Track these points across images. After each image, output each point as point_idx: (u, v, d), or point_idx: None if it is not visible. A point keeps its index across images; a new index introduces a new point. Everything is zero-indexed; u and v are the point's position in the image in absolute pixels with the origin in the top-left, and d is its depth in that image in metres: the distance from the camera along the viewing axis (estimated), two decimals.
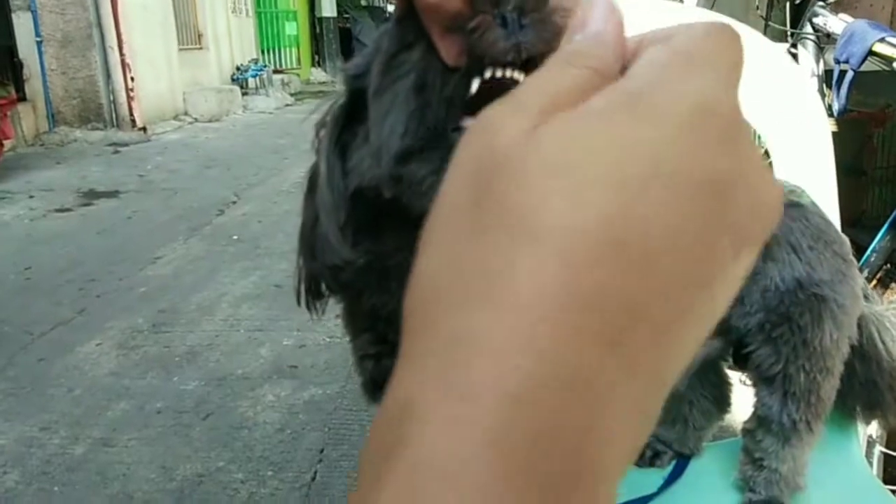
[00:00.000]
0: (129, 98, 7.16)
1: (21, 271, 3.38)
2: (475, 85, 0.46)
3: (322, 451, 1.99)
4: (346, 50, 16.44)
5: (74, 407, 2.19)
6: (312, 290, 0.67)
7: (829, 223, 0.85)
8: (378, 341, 0.70)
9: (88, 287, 3.18)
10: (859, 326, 0.87)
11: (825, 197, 0.98)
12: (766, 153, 1.11)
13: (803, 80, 1.07)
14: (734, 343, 0.88)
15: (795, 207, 0.83)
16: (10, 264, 3.47)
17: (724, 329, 0.86)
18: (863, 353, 0.89)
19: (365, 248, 0.61)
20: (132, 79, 7.15)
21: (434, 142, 0.49)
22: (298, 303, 0.68)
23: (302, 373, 2.43)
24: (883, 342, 0.90)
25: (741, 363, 0.88)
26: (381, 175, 0.52)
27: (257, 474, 1.88)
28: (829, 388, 0.85)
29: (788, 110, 1.04)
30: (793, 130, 1.04)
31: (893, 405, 0.95)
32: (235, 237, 3.97)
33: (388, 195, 0.53)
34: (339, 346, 2.60)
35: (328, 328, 2.73)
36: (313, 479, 1.87)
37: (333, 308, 0.71)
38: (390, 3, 26.88)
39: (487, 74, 0.45)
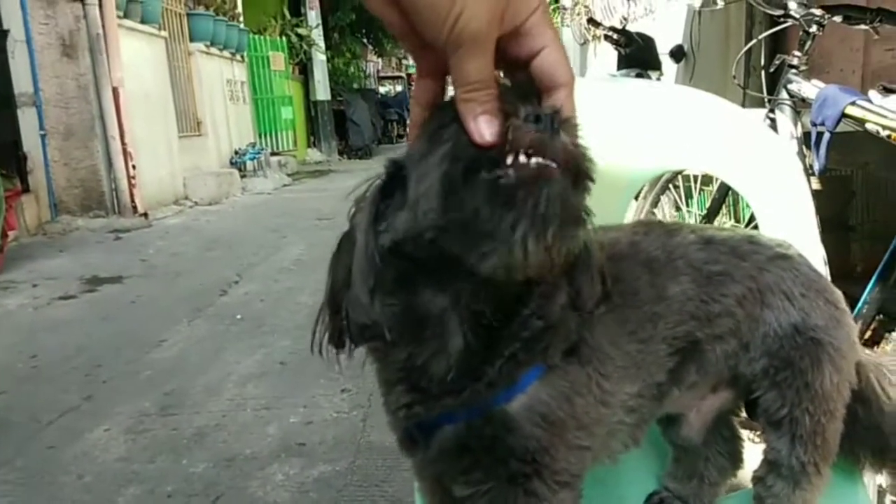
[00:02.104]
0: (131, 185, 7.30)
1: (27, 360, 3.39)
2: (510, 159, 0.61)
3: None
4: (341, 131, 16.88)
5: (85, 494, 2.18)
6: (335, 340, 0.73)
7: (818, 273, 0.90)
8: (411, 390, 0.75)
9: (95, 373, 3.19)
10: (858, 373, 0.91)
11: (811, 251, 1.04)
12: (752, 217, 1.18)
13: (780, 145, 1.15)
14: (744, 393, 0.92)
15: (784, 259, 0.89)
16: (17, 353, 3.48)
17: (733, 379, 0.91)
18: (864, 398, 0.93)
19: (399, 301, 0.68)
20: (133, 166, 7.32)
21: (471, 190, 0.61)
22: (313, 351, 0.74)
23: (310, 450, 2.43)
24: (882, 387, 0.95)
25: (753, 413, 0.92)
26: (421, 225, 0.62)
27: None
28: (834, 430, 0.88)
29: (768, 174, 1.12)
30: (774, 192, 1.11)
31: None
32: (239, 317, 4.01)
33: (429, 239, 0.64)
34: (347, 422, 2.60)
35: (335, 403, 2.74)
36: None
37: (340, 383, 0.76)
38: (382, 85, 27.71)
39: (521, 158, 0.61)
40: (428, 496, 0.93)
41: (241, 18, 11.86)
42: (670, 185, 2.90)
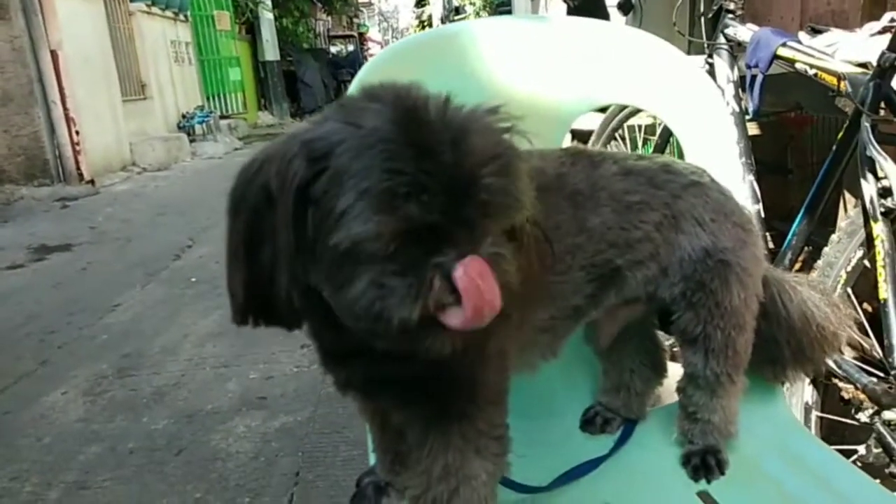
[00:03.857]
0: (76, 152, 7.10)
1: None
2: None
3: (297, 474, 2.03)
4: (292, 91, 16.56)
5: (45, 455, 2.19)
6: (241, 318, 0.75)
7: (728, 197, 0.97)
8: (347, 362, 0.79)
9: (49, 339, 3.16)
10: (764, 287, 0.98)
11: (732, 178, 1.10)
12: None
13: (711, 86, 1.20)
14: (658, 309, 0.99)
15: (696, 186, 0.95)
16: None
17: (649, 297, 0.97)
18: (765, 312, 1.01)
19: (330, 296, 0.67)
20: (77, 132, 7.10)
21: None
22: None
23: (271, 402, 2.47)
24: (782, 302, 1.03)
25: (667, 329, 0.99)
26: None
27: (234, 502, 1.91)
28: (744, 342, 0.96)
29: (699, 112, 1.17)
30: (703, 128, 1.17)
31: (791, 360, 1.07)
32: (194, 279, 3.98)
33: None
34: (307, 374, 2.64)
35: (294, 358, 2.77)
36: (290, 501, 1.91)
37: (300, 339, 0.79)
38: (333, 44, 27.13)
39: None
40: (369, 421, 0.98)
41: None
42: (616, 135, 2.96)
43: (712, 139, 1.15)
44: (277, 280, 0.67)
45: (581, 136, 3.13)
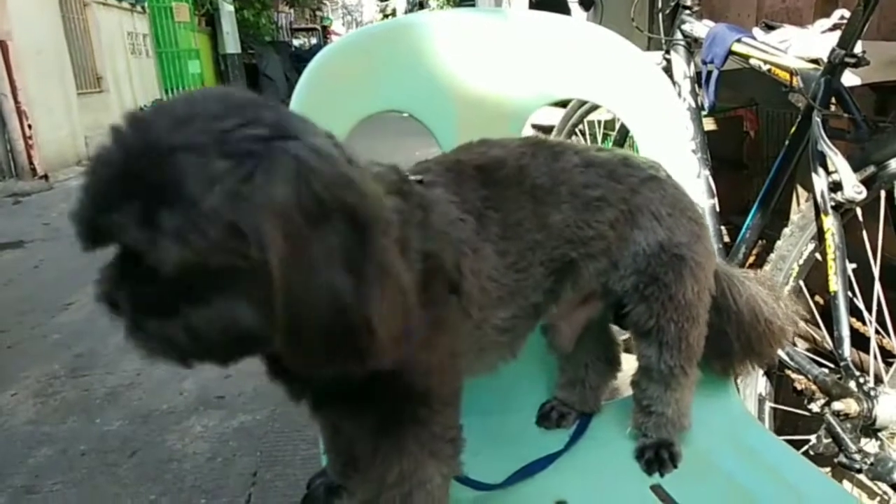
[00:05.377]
0: (28, 146, 6.89)
1: None
2: None
3: (255, 473, 1.99)
4: (254, 84, 16.33)
5: None
6: None
7: (682, 192, 0.97)
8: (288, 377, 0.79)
9: None
10: (714, 281, 0.99)
11: (686, 173, 1.11)
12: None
13: (666, 83, 1.20)
14: (614, 305, 0.99)
15: (654, 180, 0.95)
16: None
17: (604, 292, 0.97)
18: (715, 306, 1.02)
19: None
20: (30, 126, 6.89)
21: None
22: None
23: (230, 402, 2.43)
24: (732, 296, 1.03)
25: (621, 322, 0.99)
26: None
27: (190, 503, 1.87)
28: (697, 335, 0.96)
29: (653, 109, 1.17)
30: (657, 125, 1.17)
31: (741, 353, 1.08)
32: None
33: None
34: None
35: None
36: (248, 501, 1.88)
37: None
38: (295, 37, 26.82)
39: None
40: (320, 425, 0.97)
41: None
42: (577, 130, 2.98)
43: (666, 136, 1.15)
44: None
45: (542, 130, 3.13)
